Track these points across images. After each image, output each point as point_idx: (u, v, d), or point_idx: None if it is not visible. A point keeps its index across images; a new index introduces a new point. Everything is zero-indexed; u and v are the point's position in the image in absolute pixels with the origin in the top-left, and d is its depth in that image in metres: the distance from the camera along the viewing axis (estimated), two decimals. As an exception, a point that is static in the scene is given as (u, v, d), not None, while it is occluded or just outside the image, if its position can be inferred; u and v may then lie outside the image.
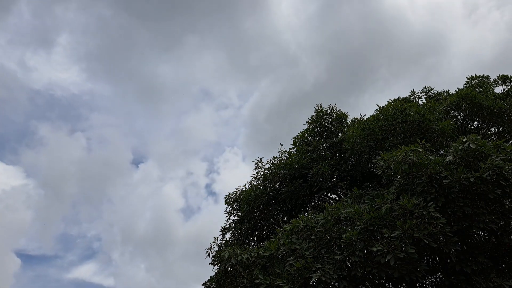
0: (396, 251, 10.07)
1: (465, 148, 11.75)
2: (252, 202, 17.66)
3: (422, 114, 15.13)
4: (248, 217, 17.78)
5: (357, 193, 13.60)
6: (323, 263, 10.99)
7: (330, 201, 17.52)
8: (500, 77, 18.29)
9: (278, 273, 11.11)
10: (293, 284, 10.65)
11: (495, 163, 11.02)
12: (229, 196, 18.69)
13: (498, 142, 12.19)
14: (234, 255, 12.09)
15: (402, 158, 11.86)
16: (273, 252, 11.98)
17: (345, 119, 18.76)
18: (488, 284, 10.48)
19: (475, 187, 11.05)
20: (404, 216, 10.80)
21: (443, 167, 11.55)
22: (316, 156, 17.50)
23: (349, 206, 12.06)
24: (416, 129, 15.03)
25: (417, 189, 11.50)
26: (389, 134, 15.31)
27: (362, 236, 10.85)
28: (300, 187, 16.99)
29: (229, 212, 18.63)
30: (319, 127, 18.54)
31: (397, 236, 10.30)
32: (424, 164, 11.61)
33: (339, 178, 16.79)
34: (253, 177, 18.81)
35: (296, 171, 17.39)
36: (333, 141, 17.85)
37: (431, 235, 10.32)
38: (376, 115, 16.07)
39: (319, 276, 10.42)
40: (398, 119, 15.24)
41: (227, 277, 12.53)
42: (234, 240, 17.89)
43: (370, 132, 15.61)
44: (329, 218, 11.91)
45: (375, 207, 11.49)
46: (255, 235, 18.13)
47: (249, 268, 11.93)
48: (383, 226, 10.83)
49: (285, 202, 17.50)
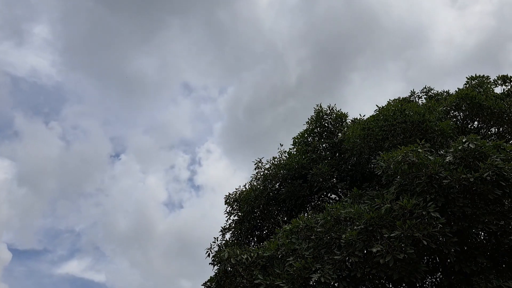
0: (395, 252, 10.07)
1: (465, 148, 11.75)
2: (252, 202, 17.68)
3: (422, 114, 15.13)
4: (248, 217, 17.80)
5: (356, 193, 13.60)
6: (322, 263, 11.00)
7: (330, 201, 17.51)
8: (500, 77, 18.31)
9: (278, 273, 11.12)
10: (293, 284, 10.66)
11: (495, 163, 11.01)
12: (229, 196, 18.73)
13: (498, 142, 12.18)
14: (233, 255, 12.10)
15: (401, 158, 11.86)
16: (272, 252, 11.99)
17: (345, 119, 18.75)
18: (488, 285, 10.46)
19: (475, 187, 11.04)
20: (403, 216, 10.80)
21: (443, 167, 11.54)
22: (316, 156, 17.50)
23: (349, 206, 12.06)
24: (416, 129, 15.03)
25: (417, 189, 11.50)
26: (388, 134, 15.31)
27: (362, 236, 10.85)
28: (300, 187, 17.00)
29: (229, 212, 18.67)
30: (319, 127, 18.53)
31: (396, 237, 10.30)
32: (423, 164, 11.60)
33: (339, 178, 16.79)
34: (253, 177, 18.86)
35: (296, 171, 17.40)
36: (333, 141, 17.85)
37: (431, 235, 10.32)
38: (376, 115, 16.07)
39: (319, 276, 10.43)
40: (397, 119, 15.24)
41: (227, 277, 12.54)
42: (234, 240, 17.91)
43: (369, 133, 15.61)
44: (329, 218, 11.91)
45: (375, 207, 11.49)
46: (255, 235, 18.15)
47: (249, 268, 11.93)
48: (382, 226, 10.83)
49: (285, 202, 17.51)
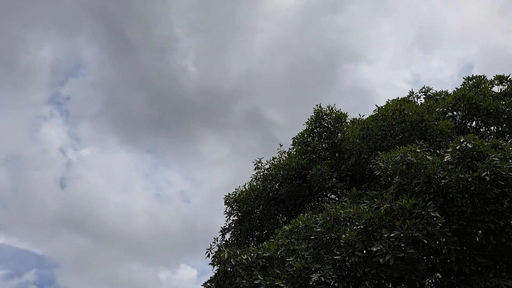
0: (395, 251, 10.12)
1: (463, 148, 11.80)
2: (251, 202, 17.72)
3: (421, 114, 15.18)
4: (247, 218, 17.84)
5: (356, 194, 13.64)
6: (322, 263, 11.04)
7: (329, 202, 17.56)
8: (497, 77, 18.37)
9: (277, 273, 11.16)
10: (293, 285, 10.71)
11: (493, 162, 11.06)
12: (229, 197, 18.77)
13: (495, 141, 12.23)
14: (233, 256, 12.15)
15: (400, 159, 11.91)
16: (272, 252, 12.03)
17: (345, 119, 18.79)
18: (487, 284, 10.51)
19: (473, 187, 11.08)
20: (403, 216, 10.85)
21: (441, 167, 11.59)
22: (315, 156, 17.53)
23: (348, 207, 12.10)
24: (415, 129, 15.08)
25: (416, 189, 11.55)
26: (388, 134, 15.36)
27: (361, 237, 10.89)
28: (299, 187, 17.03)
29: (228, 212, 18.72)
30: (318, 127, 18.57)
31: (396, 236, 10.34)
32: (422, 164, 11.65)
33: (339, 178, 16.82)
34: (252, 178, 18.91)
35: (296, 171, 17.42)
36: (333, 142, 17.89)
37: (430, 234, 10.37)
38: (375, 115, 16.13)
39: (319, 276, 10.47)
40: (396, 119, 15.30)
41: (227, 277, 12.58)
42: (234, 241, 17.96)
43: (369, 132, 15.66)
44: (328, 219, 11.95)
45: (374, 208, 11.54)
46: (254, 235, 18.18)
47: (248, 269, 11.97)
48: (382, 226, 10.87)
49: (284, 202, 17.54)
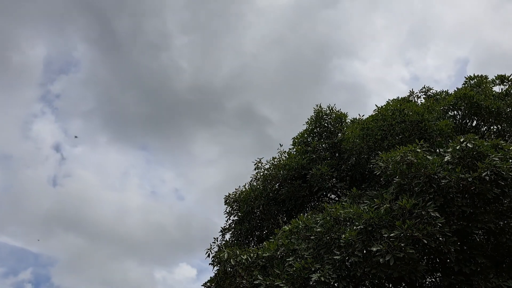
0: (395, 251, 10.11)
1: (463, 148, 11.78)
2: (251, 202, 17.71)
3: (421, 114, 15.16)
4: (248, 218, 17.84)
5: (356, 194, 13.63)
6: (322, 263, 11.03)
7: (329, 202, 17.54)
8: (498, 77, 18.36)
9: (277, 273, 11.15)
10: (293, 285, 10.70)
11: (493, 162, 11.04)
12: (229, 197, 18.76)
13: (495, 141, 12.21)
14: (233, 256, 12.14)
15: (400, 159, 11.89)
16: (272, 252, 12.02)
17: (345, 119, 18.78)
18: (487, 284, 10.50)
19: (474, 187, 11.06)
20: (403, 216, 10.84)
21: (441, 167, 11.57)
22: (315, 156, 17.52)
23: (348, 207, 12.09)
24: (415, 129, 15.06)
25: (416, 189, 11.53)
26: (388, 134, 15.34)
27: (361, 237, 10.88)
28: (299, 187, 17.02)
29: (229, 212, 18.71)
30: (318, 127, 18.55)
31: (396, 236, 10.33)
32: (422, 164, 11.63)
33: (339, 178, 16.80)
34: (252, 178, 18.89)
35: (296, 171, 17.41)
36: (333, 142, 17.87)
37: (430, 234, 10.35)
38: (375, 115, 16.10)
39: (319, 276, 10.46)
40: (396, 119, 15.27)
41: (227, 277, 12.58)
42: (234, 241, 17.95)
43: (369, 132, 15.64)
44: (328, 219, 11.93)
45: (374, 208, 11.52)
46: (255, 235, 18.17)
47: (248, 269, 11.97)
48: (382, 226, 10.86)
49: (284, 202, 17.53)
